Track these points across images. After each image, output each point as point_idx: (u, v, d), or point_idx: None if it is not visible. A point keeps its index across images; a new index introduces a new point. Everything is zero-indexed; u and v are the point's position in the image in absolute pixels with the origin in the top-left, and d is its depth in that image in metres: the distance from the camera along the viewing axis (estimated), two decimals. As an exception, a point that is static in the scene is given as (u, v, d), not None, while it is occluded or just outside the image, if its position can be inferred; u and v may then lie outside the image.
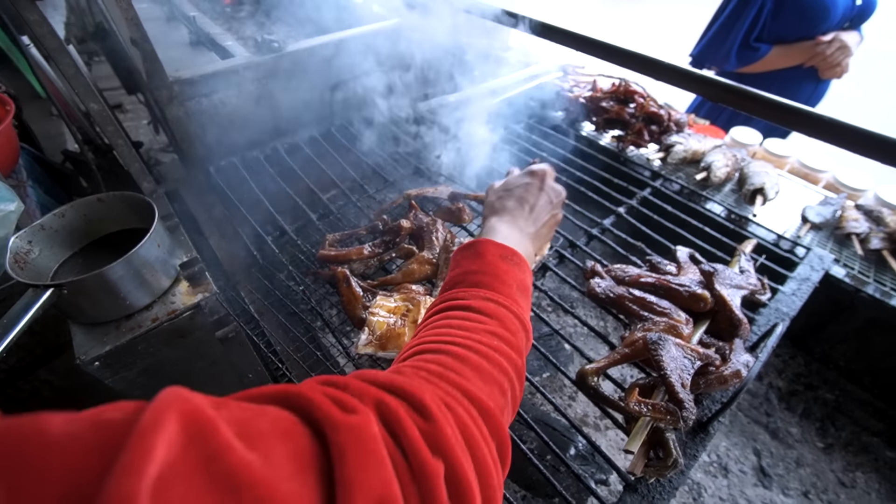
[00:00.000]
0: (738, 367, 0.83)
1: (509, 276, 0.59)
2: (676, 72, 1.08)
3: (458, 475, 0.34)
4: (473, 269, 0.59)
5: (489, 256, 0.61)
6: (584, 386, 0.86)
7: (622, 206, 1.31)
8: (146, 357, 1.08)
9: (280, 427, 0.28)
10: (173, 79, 1.38)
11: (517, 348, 0.52)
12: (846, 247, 1.34)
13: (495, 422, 0.41)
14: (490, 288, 0.56)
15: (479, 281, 0.58)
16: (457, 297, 0.56)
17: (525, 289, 0.61)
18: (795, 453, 1.21)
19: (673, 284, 0.96)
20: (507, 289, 0.58)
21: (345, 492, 0.26)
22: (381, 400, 0.34)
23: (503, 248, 0.62)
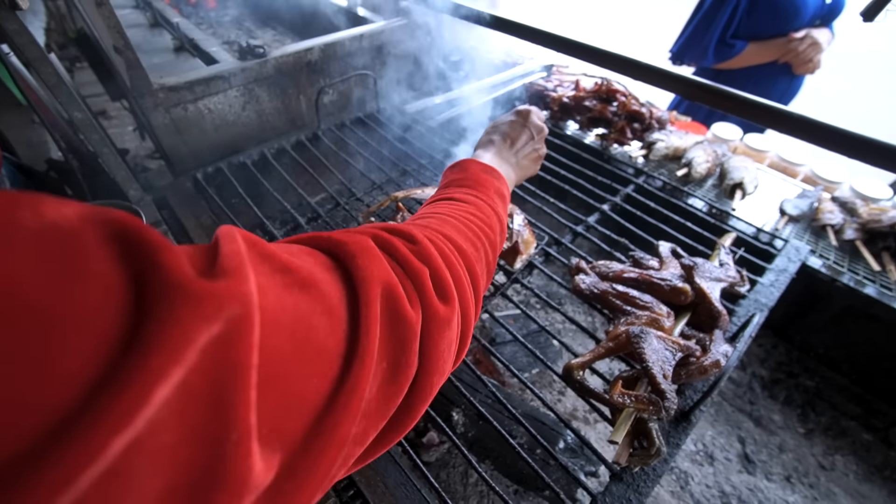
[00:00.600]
0: (717, 356, 0.86)
1: (489, 185, 0.67)
2: (652, 71, 1.11)
3: (440, 278, 0.43)
4: (457, 178, 0.68)
5: (472, 170, 0.69)
6: (570, 380, 0.89)
7: (606, 204, 1.34)
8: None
9: (304, 250, 0.37)
10: (158, 86, 1.39)
11: (491, 227, 0.60)
12: (822, 238, 1.38)
13: (469, 259, 0.51)
14: (471, 188, 0.65)
15: (461, 183, 0.66)
16: (441, 196, 0.64)
17: (503, 196, 0.70)
18: (778, 439, 1.25)
19: (655, 279, 0.99)
20: (487, 191, 0.66)
21: (361, 281, 0.35)
22: (376, 234, 0.43)
23: (485, 166, 0.71)
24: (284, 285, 0.29)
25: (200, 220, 1.36)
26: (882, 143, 0.84)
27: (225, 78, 1.51)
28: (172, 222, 1.36)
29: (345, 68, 1.77)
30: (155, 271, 0.21)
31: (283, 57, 1.60)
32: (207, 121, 1.54)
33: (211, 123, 1.55)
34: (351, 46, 1.76)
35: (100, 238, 0.20)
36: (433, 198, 0.66)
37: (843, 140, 0.89)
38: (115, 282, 0.20)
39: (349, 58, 1.77)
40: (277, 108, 1.68)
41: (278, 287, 0.28)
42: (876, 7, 0.87)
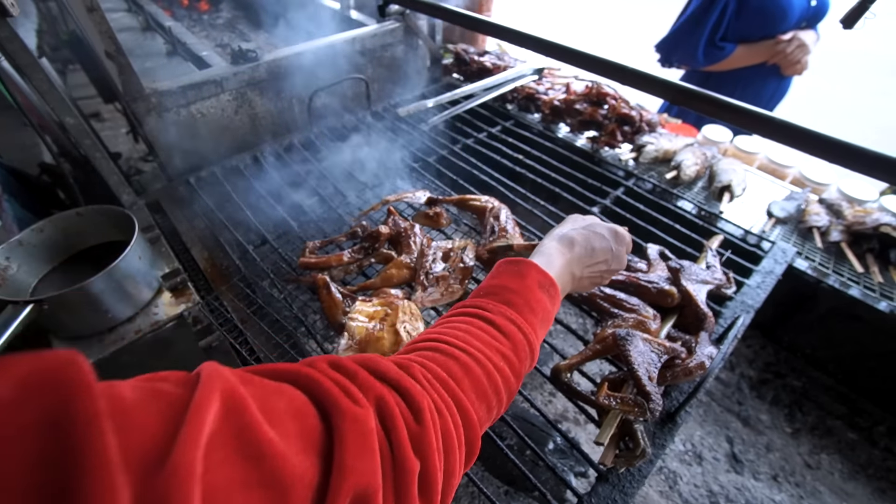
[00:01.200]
0: (702, 358, 0.87)
1: (539, 306, 0.62)
2: (639, 76, 1.12)
3: (430, 475, 0.40)
4: (509, 287, 0.62)
5: (529, 280, 0.63)
6: (558, 382, 0.90)
7: (596, 206, 1.35)
8: (130, 369, 1.09)
9: (294, 406, 0.35)
10: (150, 91, 1.39)
11: (519, 374, 0.56)
12: (809, 240, 1.40)
13: (474, 433, 0.48)
14: (518, 310, 0.59)
15: (510, 300, 0.60)
16: (485, 307, 0.59)
17: (548, 321, 0.65)
18: (765, 439, 1.26)
19: (642, 281, 1.00)
20: (532, 316, 0.60)
21: (339, 473, 0.32)
22: (382, 397, 0.40)
23: (545, 276, 0.64)
24: (243, 485, 0.27)
25: (194, 223, 1.36)
26: (864, 150, 0.86)
27: (217, 82, 1.51)
28: (166, 226, 1.37)
29: (338, 72, 1.77)
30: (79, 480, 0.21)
31: (276, 61, 1.61)
32: (200, 125, 1.55)
33: (204, 127, 1.56)
34: (344, 50, 1.77)
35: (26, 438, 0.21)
36: (475, 303, 0.60)
37: (827, 146, 0.90)
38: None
39: (342, 61, 1.78)
40: (270, 111, 1.69)
41: (236, 488, 0.27)
42: (855, 15, 0.89)
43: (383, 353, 0.87)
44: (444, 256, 1.08)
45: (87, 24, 1.22)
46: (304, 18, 2.48)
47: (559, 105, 1.69)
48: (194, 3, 2.80)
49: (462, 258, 1.06)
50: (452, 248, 1.09)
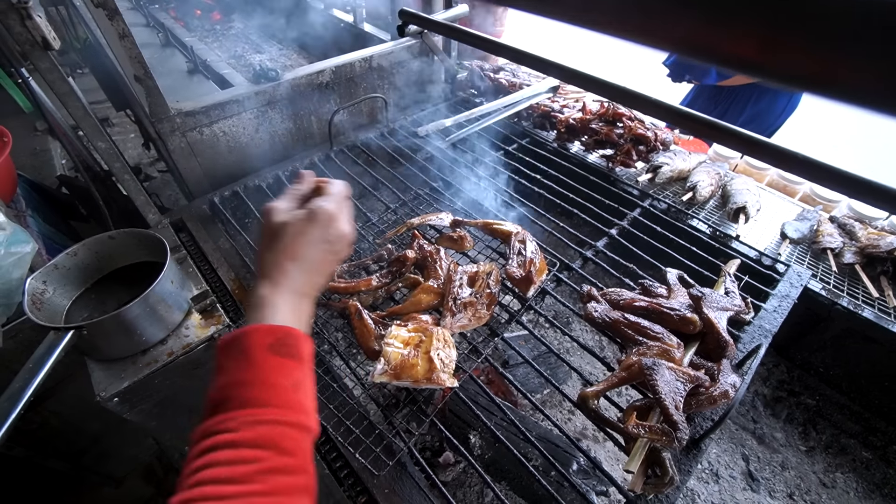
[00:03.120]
0: (725, 387, 0.90)
1: (282, 375, 0.53)
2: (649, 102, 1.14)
3: None
4: (239, 380, 0.52)
5: (257, 354, 0.53)
6: (585, 409, 0.93)
7: (614, 228, 1.38)
8: (162, 390, 1.12)
9: None
10: (175, 111, 1.42)
11: (302, 468, 0.50)
12: (822, 260, 1.42)
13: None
14: (260, 404, 0.50)
15: (246, 398, 0.50)
16: (223, 428, 0.49)
17: (301, 381, 0.55)
18: (781, 457, 1.29)
19: (664, 308, 1.02)
20: (281, 394, 0.52)
21: None
22: None
23: (273, 333, 0.55)
24: None
25: (218, 243, 1.39)
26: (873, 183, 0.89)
27: (239, 101, 1.54)
28: (191, 246, 1.39)
29: (356, 89, 1.80)
30: None
31: (296, 79, 1.63)
32: (222, 143, 1.57)
33: (225, 146, 1.58)
34: (361, 68, 1.79)
35: None
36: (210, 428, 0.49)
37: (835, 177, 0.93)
38: None
39: (360, 79, 1.81)
40: (290, 129, 1.72)
41: None
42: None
43: (417, 379, 0.90)
44: (470, 281, 1.11)
45: (118, 49, 1.25)
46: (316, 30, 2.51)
47: (574, 123, 1.72)
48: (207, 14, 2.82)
49: (488, 283, 1.09)
50: (478, 273, 1.12)
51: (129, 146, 4.00)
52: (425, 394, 1.02)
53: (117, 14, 1.14)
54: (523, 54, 1.32)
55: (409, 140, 1.71)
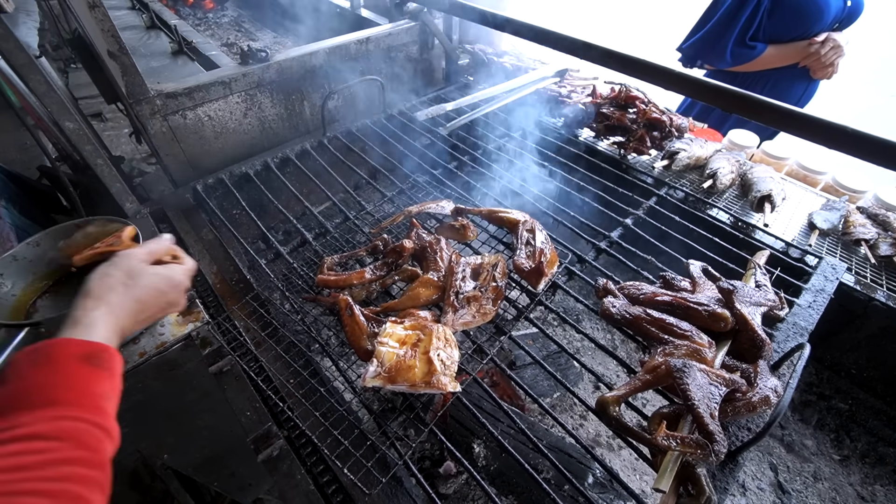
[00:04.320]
0: (766, 392, 0.79)
1: (92, 383, 0.51)
2: (669, 74, 1.04)
3: None
4: (42, 383, 0.49)
5: (66, 362, 0.51)
6: (606, 416, 0.82)
7: (629, 217, 1.27)
8: (134, 394, 1.01)
9: None
10: (155, 92, 1.31)
11: (99, 463, 0.48)
12: (854, 252, 1.31)
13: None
14: (66, 403, 0.49)
15: (51, 398, 0.48)
16: (17, 423, 0.46)
17: (111, 396, 0.54)
18: (812, 467, 1.18)
19: (691, 303, 0.92)
20: (89, 398, 0.50)
21: None
22: None
23: (87, 346, 0.54)
24: None
25: (201, 234, 1.28)
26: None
27: (226, 83, 1.43)
28: (171, 237, 1.28)
29: (351, 73, 1.69)
30: None
31: (287, 61, 1.53)
32: (207, 128, 1.47)
33: (211, 131, 1.48)
34: (357, 50, 1.69)
35: None
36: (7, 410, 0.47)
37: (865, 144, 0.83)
38: None
39: (355, 62, 1.70)
40: (280, 114, 1.61)
41: None
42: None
43: (414, 383, 0.79)
44: (474, 274, 1.00)
45: (89, 21, 1.14)
46: (312, 16, 2.40)
47: (584, 108, 1.61)
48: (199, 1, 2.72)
49: (494, 276, 0.98)
50: (483, 265, 1.01)
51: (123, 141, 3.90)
52: (424, 399, 0.91)
53: (85, -20, 1.03)
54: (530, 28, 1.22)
55: (408, 126, 1.60)
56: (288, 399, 0.88)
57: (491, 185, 1.35)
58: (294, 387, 0.89)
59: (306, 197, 1.30)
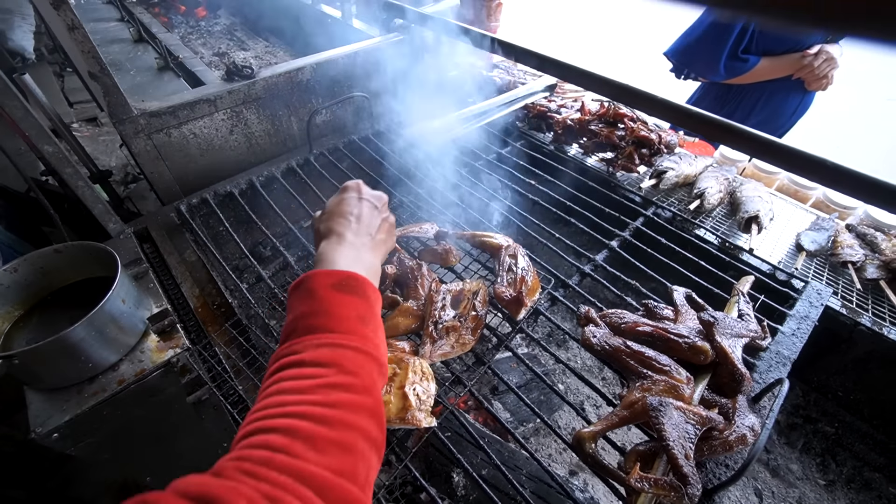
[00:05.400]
0: (743, 430, 0.78)
1: (345, 308, 0.56)
2: (659, 103, 1.03)
3: None
4: (304, 312, 0.56)
5: (320, 291, 0.57)
6: (582, 452, 0.81)
7: (615, 240, 1.26)
8: (112, 421, 1.01)
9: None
10: (138, 111, 1.30)
11: (365, 388, 0.51)
12: (841, 275, 1.31)
13: (340, 493, 0.41)
14: (324, 329, 0.54)
15: (311, 325, 0.54)
16: (289, 351, 0.53)
17: (368, 317, 0.58)
18: (797, 492, 1.18)
19: (671, 335, 0.91)
20: (345, 323, 0.55)
21: None
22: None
23: (335, 275, 0.59)
24: None
25: (184, 255, 1.28)
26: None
27: (211, 101, 1.43)
28: (155, 258, 1.28)
29: (339, 87, 1.68)
30: None
31: (273, 77, 1.52)
32: (193, 146, 1.46)
33: (197, 148, 1.47)
34: (345, 64, 1.68)
35: None
36: (278, 354, 0.54)
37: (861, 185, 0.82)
38: None
39: (343, 76, 1.69)
40: (267, 130, 1.60)
41: None
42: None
43: (388, 419, 0.79)
44: (455, 301, 0.99)
45: (69, 43, 1.14)
46: (304, 26, 2.39)
47: (572, 125, 1.60)
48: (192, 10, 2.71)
49: (474, 304, 0.97)
50: (463, 292, 1.00)
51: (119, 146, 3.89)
52: (400, 433, 0.91)
53: (63, 3, 1.02)
54: (518, 50, 1.21)
55: (395, 142, 1.59)
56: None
57: (477, 205, 1.35)
58: (270, 419, 0.88)
59: (291, 216, 1.29)
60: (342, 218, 0.71)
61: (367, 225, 0.72)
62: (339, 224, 0.70)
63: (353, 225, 0.71)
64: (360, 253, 0.67)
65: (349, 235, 0.69)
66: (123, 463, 1.14)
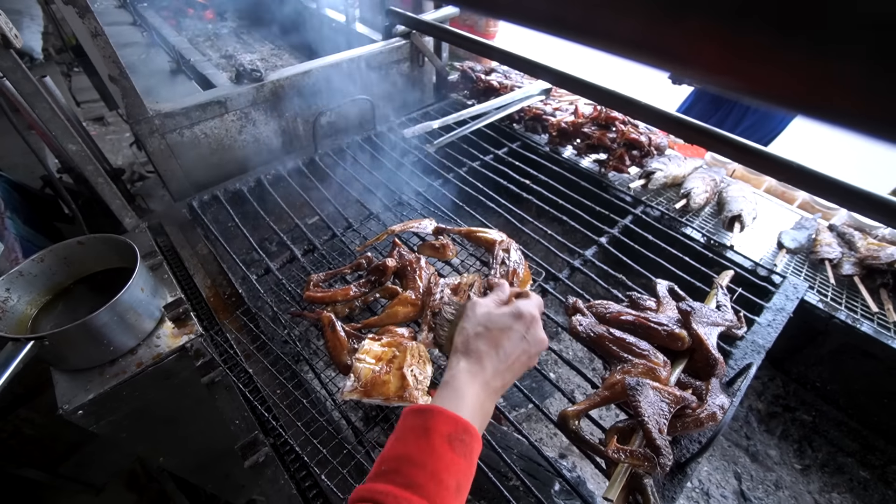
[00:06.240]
0: (713, 409, 0.85)
1: (450, 472, 0.53)
2: (647, 110, 1.10)
3: None
4: (414, 457, 0.53)
5: (436, 439, 0.54)
6: (566, 429, 0.88)
7: (604, 236, 1.33)
8: (131, 401, 1.08)
9: None
10: (154, 112, 1.38)
11: None
12: (820, 271, 1.37)
13: None
14: (423, 493, 0.50)
15: (412, 481, 0.51)
16: (381, 500, 0.50)
17: (464, 487, 0.55)
18: (774, 476, 1.24)
19: (652, 323, 0.98)
20: (443, 492, 0.52)
21: None
22: None
23: (454, 424, 0.56)
24: None
25: (196, 249, 1.35)
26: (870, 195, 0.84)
27: (221, 102, 1.50)
28: (168, 251, 1.35)
29: (343, 90, 1.76)
30: None
31: (280, 80, 1.59)
32: (204, 145, 1.53)
33: (207, 148, 1.54)
34: (349, 68, 1.75)
35: None
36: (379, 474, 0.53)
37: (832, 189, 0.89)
38: None
39: (347, 79, 1.76)
40: (275, 131, 1.68)
41: None
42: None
43: (388, 396, 0.86)
44: (453, 293, 1.06)
45: (92, 48, 1.21)
46: (308, 30, 2.47)
47: (566, 127, 1.67)
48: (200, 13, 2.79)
49: (470, 296, 1.04)
50: (460, 285, 1.07)
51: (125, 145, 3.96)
52: (399, 411, 0.97)
53: (88, 11, 1.10)
54: (513, 57, 1.29)
55: (397, 143, 1.67)
56: (273, 409, 0.95)
57: (474, 203, 1.42)
58: (279, 397, 0.95)
59: (297, 214, 1.37)
60: (493, 349, 0.65)
61: (509, 369, 0.66)
62: (488, 355, 0.64)
63: (501, 365, 0.65)
64: (488, 398, 0.63)
65: (488, 375, 0.63)
66: (141, 440, 1.21)
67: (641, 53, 0.24)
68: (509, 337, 0.67)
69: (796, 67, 0.21)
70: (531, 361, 0.69)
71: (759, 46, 0.21)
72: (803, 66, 0.21)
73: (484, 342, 0.66)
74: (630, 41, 0.24)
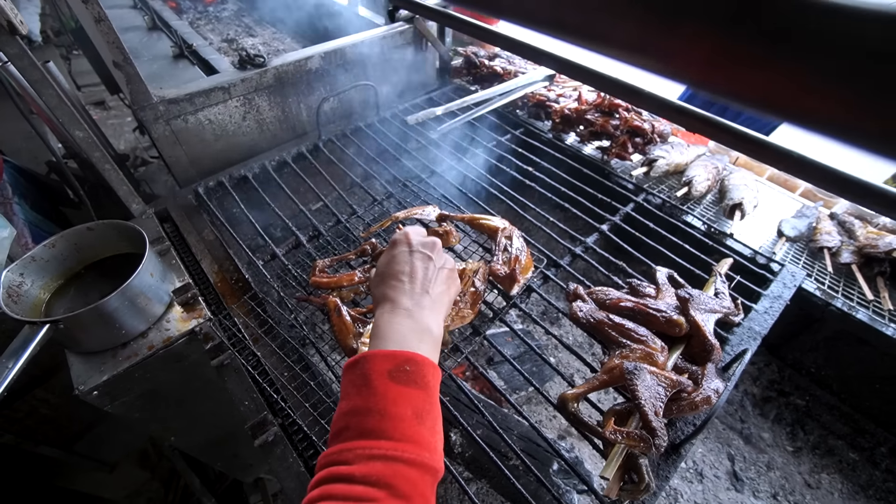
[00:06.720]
0: (708, 393, 0.88)
1: (402, 405, 0.51)
2: (649, 98, 1.10)
3: None
4: (359, 407, 0.51)
5: (376, 381, 0.52)
6: (565, 411, 0.91)
7: (605, 224, 1.34)
8: (143, 382, 1.12)
9: None
10: (158, 99, 1.38)
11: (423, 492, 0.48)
12: (818, 259, 1.39)
13: None
14: (378, 435, 0.49)
15: (364, 428, 0.50)
16: (339, 459, 0.48)
17: (425, 410, 0.53)
18: (767, 457, 1.28)
19: (650, 309, 1.00)
20: (401, 426, 0.50)
21: None
22: None
23: (392, 359, 0.54)
24: None
25: (202, 234, 1.37)
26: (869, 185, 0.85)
27: (225, 88, 1.50)
28: (175, 237, 1.37)
29: (346, 75, 1.75)
30: None
31: (284, 66, 1.59)
32: (208, 131, 1.54)
33: (211, 134, 1.55)
34: (352, 53, 1.74)
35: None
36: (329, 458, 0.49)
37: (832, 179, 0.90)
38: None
39: (350, 65, 1.76)
40: (278, 116, 1.68)
41: None
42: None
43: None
44: (454, 279, 1.08)
45: (95, 34, 1.21)
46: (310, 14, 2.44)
47: (570, 114, 1.67)
48: (199, -5, 2.75)
49: (473, 282, 1.07)
50: (465, 271, 1.09)
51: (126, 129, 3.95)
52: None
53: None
54: (517, 43, 1.28)
55: (400, 129, 1.67)
56: (282, 391, 0.98)
57: (477, 189, 1.43)
58: (287, 380, 0.98)
59: (301, 200, 1.38)
60: (394, 280, 0.65)
61: (423, 281, 0.65)
62: (393, 288, 0.65)
63: (407, 286, 0.65)
64: (419, 319, 0.61)
65: (404, 300, 0.63)
66: (153, 421, 1.25)
67: (637, 57, 0.25)
68: (397, 261, 0.68)
69: (786, 74, 0.22)
70: (440, 260, 0.71)
71: (751, 54, 0.23)
72: (794, 74, 0.22)
73: (383, 284, 0.67)
74: (626, 45, 0.26)
